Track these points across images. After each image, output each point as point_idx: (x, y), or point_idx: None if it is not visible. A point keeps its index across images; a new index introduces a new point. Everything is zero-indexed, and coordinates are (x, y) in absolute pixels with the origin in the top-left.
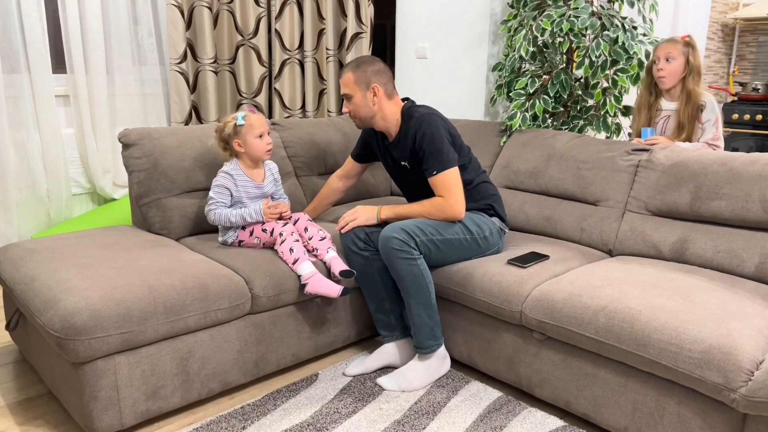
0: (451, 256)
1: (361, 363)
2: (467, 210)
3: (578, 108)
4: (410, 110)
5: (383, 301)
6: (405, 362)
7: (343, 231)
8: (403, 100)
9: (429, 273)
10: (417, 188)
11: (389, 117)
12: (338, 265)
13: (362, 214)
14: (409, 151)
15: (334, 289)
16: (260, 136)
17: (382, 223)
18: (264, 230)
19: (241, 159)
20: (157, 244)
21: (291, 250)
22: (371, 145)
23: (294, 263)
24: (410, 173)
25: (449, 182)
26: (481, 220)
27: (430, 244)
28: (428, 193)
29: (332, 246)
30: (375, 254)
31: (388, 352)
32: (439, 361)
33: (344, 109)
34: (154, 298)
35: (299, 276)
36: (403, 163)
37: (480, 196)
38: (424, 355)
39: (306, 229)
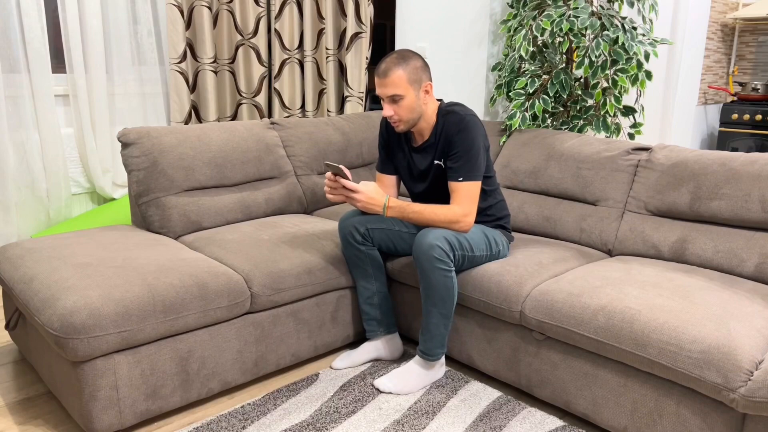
0: (467, 268)
1: (348, 357)
2: (484, 223)
3: (578, 108)
4: (448, 107)
5: (373, 295)
6: (392, 355)
7: (331, 198)
8: None
9: (457, 286)
10: (438, 193)
11: (429, 117)
12: None
13: (366, 203)
14: (446, 150)
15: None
16: None
17: (383, 218)
18: None
19: None
20: (156, 243)
21: None
22: (393, 152)
23: None
24: (437, 176)
25: (472, 193)
26: (497, 236)
27: (461, 259)
28: (445, 200)
29: None
30: (371, 249)
31: (375, 346)
32: (439, 367)
33: (386, 113)
34: (153, 297)
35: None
36: (437, 162)
37: (500, 214)
38: (429, 362)
39: None
